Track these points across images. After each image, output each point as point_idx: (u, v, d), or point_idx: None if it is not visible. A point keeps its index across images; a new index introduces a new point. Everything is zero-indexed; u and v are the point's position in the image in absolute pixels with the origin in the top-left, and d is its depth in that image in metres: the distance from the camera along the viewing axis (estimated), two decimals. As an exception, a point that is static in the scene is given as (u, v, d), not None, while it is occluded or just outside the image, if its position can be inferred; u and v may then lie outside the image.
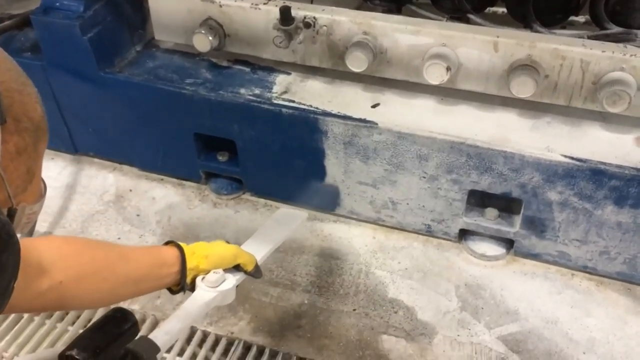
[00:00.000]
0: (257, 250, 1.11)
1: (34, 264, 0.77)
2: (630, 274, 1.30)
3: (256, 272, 1.08)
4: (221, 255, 1.02)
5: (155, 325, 1.28)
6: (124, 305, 0.93)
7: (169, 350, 1.23)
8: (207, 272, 1.00)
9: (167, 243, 1.01)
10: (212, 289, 0.99)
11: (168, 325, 0.93)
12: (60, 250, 0.84)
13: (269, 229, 1.24)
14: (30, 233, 1.24)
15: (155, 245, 1.05)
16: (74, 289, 0.83)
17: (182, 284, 0.98)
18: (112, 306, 0.89)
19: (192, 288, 1.00)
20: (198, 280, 1.00)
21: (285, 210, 1.40)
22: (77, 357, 0.75)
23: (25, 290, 0.77)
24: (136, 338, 0.85)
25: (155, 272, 0.95)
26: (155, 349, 0.85)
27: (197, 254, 1.00)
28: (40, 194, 0.63)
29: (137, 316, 1.26)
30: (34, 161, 0.58)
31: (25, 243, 0.80)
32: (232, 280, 1.02)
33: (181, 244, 1.00)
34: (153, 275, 0.95)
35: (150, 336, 0.87)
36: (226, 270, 1.03)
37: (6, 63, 0.58)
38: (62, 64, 1.46)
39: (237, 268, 1.04)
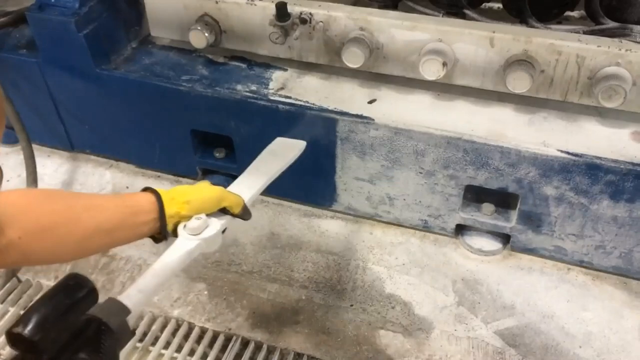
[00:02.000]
0: (247, 188, 1.04)
1: None
2: (625, 268, 1.30)
3: (244, 214, 1.00)
4: (204, 199, 0.95)
5: (152, 322, 1.28)
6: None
7: (166, 347, 1.23)
8: (190, 218, 0.94)
9: (144, 189, 0.95)
10: (195, 236, 0.92)
11: (143, 281, 0.84)
12: (16, 204, 0.79)
13: (262, 161, 1.14)
14: None
15: (129, 193, 0.96)
16: (35, 244, 0.79)
17: (163, 232, 0.92)
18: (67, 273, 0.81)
19: (176, 235, 0.94)
20: (180, 227, 0.93)
21: (282, 140, 1.25)
22: (23, 333, 0.67)
23: None
24: (103, 301, 0.76)
25: (130, 221, 0.89)
26: (124, 311, 0.76)
27: (176, 199, 0.93)
28: None
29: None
30: None
31: None
32: (217, 225, 0.95)
33: (159, 189, 0.94)
34: (127, 224, 0.89)
35: (122, 296, 0.79)
36: (210, 215, 0.95)
37: None
38: (58, 60, 1.46)
39: (223, 211, 0.98)
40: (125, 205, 0.90)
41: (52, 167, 1.65)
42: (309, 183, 1.45)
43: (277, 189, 1.50)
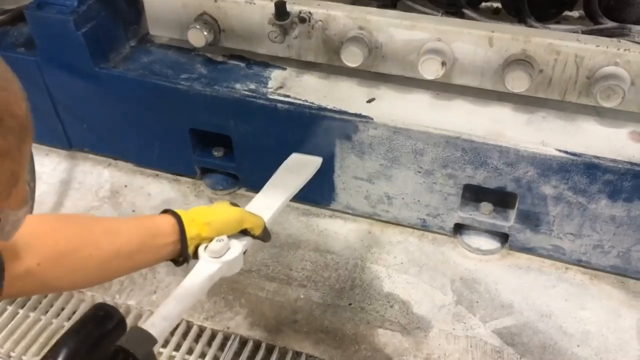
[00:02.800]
0: (265, 208, 1.02)
1: (6, 248, 0.72)
2: (623, 267, 1.31)
3: (264, 236, 0.99)
4: (225, 221, 0.94)
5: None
6: (115, 298, 0.89)
7: (164, 345, 1.23)
8: (210, 240, 0.92)
9: (164, 212, 0.94)
10: (216, 259, 0.90)
11: (165, 308, 0.83)
12: (33, 230, 0.78)
13: (279, 180, 1.12)
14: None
15: (149, 215, 0.96)
16: (54, 270, 0.78)
17: (184, 255, 0.91)
18: (96, 302, 0.82)
19: (197, 257, 0.92)
20: (200, 250, 0.91)
21: (297, 156, 1.23)
22: None
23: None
24: (128, 330, 0.76)
25: (150, 244, 0.88)
26: (151, 340, 0.76)
27: (197, 220, 0.92)
28: (25, 200, 0.57)
29: (133, 312, 1.28)
30: (19, 164, 0.53)
31: None
32: (238, 247, 0.93)
33: (179, 211, 0.93)
34: (147, 248, 0.88)
35: (147, 324, 0.79)
36: (231, 236, 0.94)
37: None
38: (56, 59, 1.45)
39: (243, 232, 0.96)
40: (145, 227, 0.89)
41: (51, 165, 1.64)
42: (307, 182, 1.45)
43: (276, 188, 1.51)
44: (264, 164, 1.46)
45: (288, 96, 1.35)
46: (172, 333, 1.26)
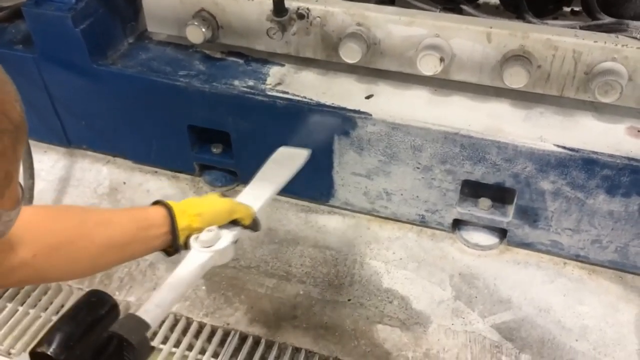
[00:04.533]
0: (255, 199, 1.04)
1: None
2: (621, 262, 1.31)
3: (254, 226, 1.01)
4: (215, 211, 0.96)
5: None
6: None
7: (164, 342, 1.23)
8: (201, 230, 0.94)
9: (155, 203, 0.95)
10: (207, 249, 0.92)
11: (159, 296, 0.85)
12: (27, 222, 0.78)
13: (268, 172, 1.14)
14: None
15: (140, 207, 0.97)
16: (48, 262, 0.79)
17: (175, 246, 0.92)
18: (88, 289, 0.84)
19: (188, 247, 0.94)
20: (191, 240, 0.93)
21: (284, 150, 1.25)
22: (48, 353, 0.68)
23: None
24: (121, 317, 0.77)
25: (142, 235, 0.89)
26: (144, 326, 0.77)
27: (187, 212, 0.93)
28: (18, 200, 0.57)
29: (133, 309, 1.28)
30: (12, 164, 0.53)
31: None
32: (229, 236, 0.95)
33: (170, 202, 0.94)
34: (139, 239, 0.89)
35: (140, 311, 0.80)
36: (222, 226, 0.95)
37: None
38: (54, 56, 1.45)
39: (233, 222, 0.98)
40: (137, 219, 0.91)
41: (49, 163, 1.64)
42: (306, 178, 1.44)
43: (275, 184, 1.51)
44: (263, 160, 1.46)
45: (286, 92, 1.35)
46: (171, 329, 1.27)
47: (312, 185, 1.46)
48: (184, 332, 1.26)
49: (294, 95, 1.34)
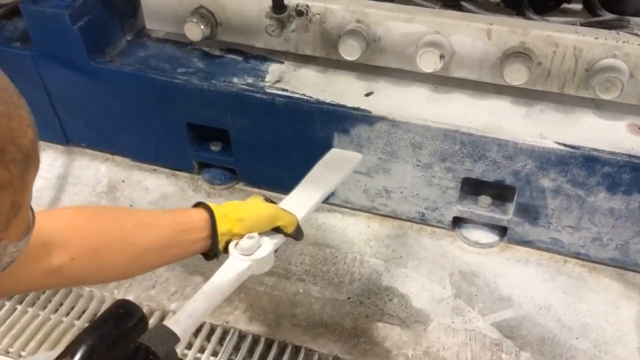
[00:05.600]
0: (300, 206, 1.00)
1: (38, 242, 0.71)
2: (622, 260, 1.31)
3: (297, 234, 0.97)
4: (258, 217, 0.92)
5: (149, 316, 1.28)
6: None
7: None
8: (242, 236, 0.90)
9: (197, 205, 0.92)
10: (246, 257, 0.88)
11: (192, 305, 0.81)
12: (67, 225, 0.78)
13: (316, 176, 1.09)
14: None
15: (182, 208, 0.93)
16: (88, 264, 0.78)
17: (214, 250, 0.90)
18: (118, 298, 0.82)
19: (227, 252, 0.91)
20: (231, 246, 0.90)
21: (336, 151, 1.19)
22: None
23: (34, 272, 0.73)
24: (151, 327, 0.73)
25: (182, 238, 0.87)
26: (174, 339, 0.74)
27: (229, 216, 0.90)
28: (27, 228, 0.54)
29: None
30: (21, 193, 0.49)
31: None
32: (269, 245, 0.91)
33: (212, 204, 0.91)
34: (179, 242, 0.87)
35: (171, 321, 0.77)
36: (262, 233, 0.92)
37: None
38: (52, 53, 1.44)
39: (275, 229, 0.94)
40: (178, 222, 0.88)
41: (47, 161, 1.64)
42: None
43: (274, 182, 1.51)
44: (262, 158, 1.46)
45: (286, 90, 1.34)
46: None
47: (312, 183, 1.46)
48: (183, 330, 1.25)
49: (293, 92, 1.33)
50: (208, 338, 1.24)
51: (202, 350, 1.22)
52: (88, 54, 1.42)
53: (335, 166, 1.12)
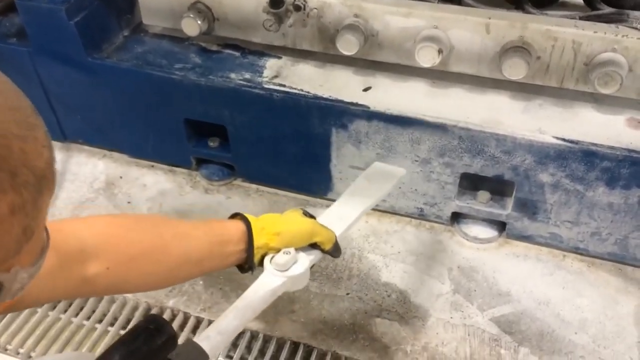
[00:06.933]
0: (339, 220, 0.98)
1: (74, 251, 0.71)
2: (621, 255, 1.31)
3: (334, 251, 0.95)
4: (295, 232, 0.91)
5: (148, 311, 1.28)
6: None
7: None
8: (278, 250, 0.89)
9: (234, 215, 0.91)
10: (281, 272, 0.86)
11: (223, 322, 0.80)
12: (103, 233, 0.77)
13: (357, 191, 1.06)
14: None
15: (219, 220, 0.93)
16: (123, 274, 0.77)
17: (249, 263, 0.89)
18: (149, 312, 0.80)
19: (262, 265, 0.90)
20: (266, 261, 0.88)
21: (379, 165, 1.17)
22: None
23: (69, 279, 0.73)
24: (181, 343, 0.72)
25: (218, 250, 0.86)
26: (203, 356, 0.73)
27: (267, 229, 0.89)
28: (41, 252, 0.50)
29: (130, 304, 1.28)
30: (34, 218, 0.46)
31: (64, 228, 0.74)
32: (305, 261, 0.89)
33: (249, 216, 0.90)
34: (215, 254, 0.86)
35: (201, 338, 0.76)
36: (299, 249, 0.90)
37: (11, 100, 0.46)
38: (49, 49, 1.44)
39: (312, 245, 0.93)
40: (215, 234, 0.87)
41: (45, 157, 1.63)
42: (304, 172, 1.45)
43: (273, 178, 1.51)
44: (260, 154, 1.46)
45: (284, 85, 1.34)
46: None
47: (310, 178, 1.45)
48: (182, 327, 1.25)
49: (291, 88, 1.33)
50: (206, 334, 1.23)
51: (200, 346, 1.21)
52: (85, 50, 1.41)
53: (378, 180, 1.10)
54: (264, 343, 1.21)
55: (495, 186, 1.34)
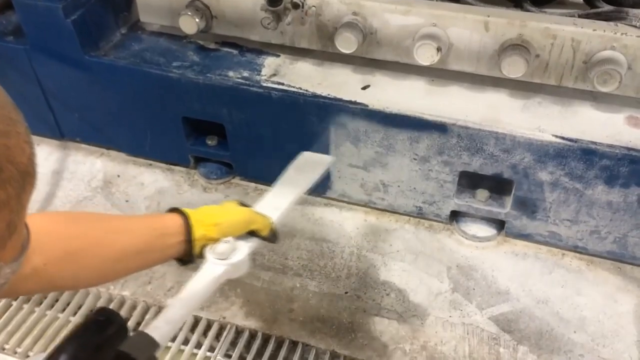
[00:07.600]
0: (274, 209, 1.01)
1: None
2: (620, 253, 1.31)
3: (272, 237, 0.98)
4: (233, 222, 0.93)
5: (146, 312, 1.27)
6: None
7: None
8: (217, 240, 0.91)
9: (172, 210, 0.92)
10: (222, 261, 0.89)
11: (170, 312, 0.82)
12: (40, 229, 0.75)
13: (289, 179, 1.10)
14: None
15: (156, 214, 0.93)
16: (60, 270, 0.78)
17: (189, 256, 0.90)
18: (96, 306, 0.82)
19: (203, 257, 0.91)
20: (206, 251, 0.90)
21: (307, 155, 1.20)
22: None
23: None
24: (131, 334, 0.74)
25: (157, 243, 0.87)
26: (154, 345, 0.74)
27: (204, 221, 0.91)
28: (22, 248, 0.52)
29: (128, 303, 1.27)
30: (17, 214, 0.48)
31: None
32: (245, 248, 0.92)
33: (186, 210, 0.91)
34: (154, 247, 0.87)
35: (150, 328, 0.77)
36: (238, 237, 0.93)
37: None
38: (46, 47, 1.43)
39: (251, 233, 0.95)
40: (153, 227, 0.88)
41: (42, 155, 1.62)
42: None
43: (270, 176, 1.50)
44: (258, 152, 1.45)
45: (282, 84, 1.33)
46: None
47: (308, 177, 1.45)
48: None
49: (289, 86, 1.32)
50: (205, 333, 1.23)
51: (198, 345, 1.21)
52: (82, 48, 1.40)
53: (307, 169, 1.13)
54: (263, 342, 1.21)
55: (494, 184, 1.34)
